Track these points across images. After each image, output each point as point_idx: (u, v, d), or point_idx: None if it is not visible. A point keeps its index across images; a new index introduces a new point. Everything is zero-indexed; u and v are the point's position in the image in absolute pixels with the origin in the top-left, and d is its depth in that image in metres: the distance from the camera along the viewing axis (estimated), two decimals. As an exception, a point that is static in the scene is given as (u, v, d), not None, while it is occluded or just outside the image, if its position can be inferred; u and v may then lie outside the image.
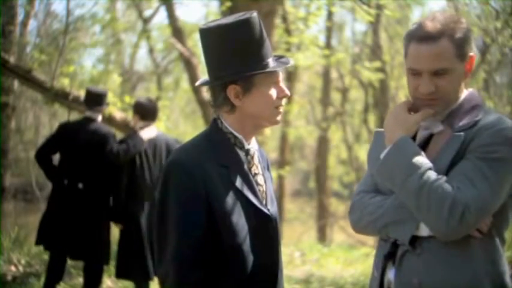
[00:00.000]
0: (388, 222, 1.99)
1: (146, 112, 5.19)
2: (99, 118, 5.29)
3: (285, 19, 10.89)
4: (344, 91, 16.67)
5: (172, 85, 16.58)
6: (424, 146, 1.99)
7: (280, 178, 13.25)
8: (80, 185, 4.98)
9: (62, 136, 5.16)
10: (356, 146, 17.74)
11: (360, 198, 2.12)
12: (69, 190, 5.01)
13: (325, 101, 15.74)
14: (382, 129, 2.13)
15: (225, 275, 1.91)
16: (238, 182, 1.94)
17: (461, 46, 1.91)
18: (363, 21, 10.47)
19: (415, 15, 13.86)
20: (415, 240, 1.92)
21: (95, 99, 5.23)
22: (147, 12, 14.04)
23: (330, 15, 13.29)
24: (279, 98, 1.99)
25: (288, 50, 10.50)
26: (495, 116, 1.93)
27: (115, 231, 5.50)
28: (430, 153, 1.95)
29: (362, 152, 17.64)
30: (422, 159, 1.86)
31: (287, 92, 2.00)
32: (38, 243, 5.14)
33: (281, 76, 2.02)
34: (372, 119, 15.86)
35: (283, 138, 14.32)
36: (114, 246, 5.60)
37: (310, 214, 17.93)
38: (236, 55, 1.91)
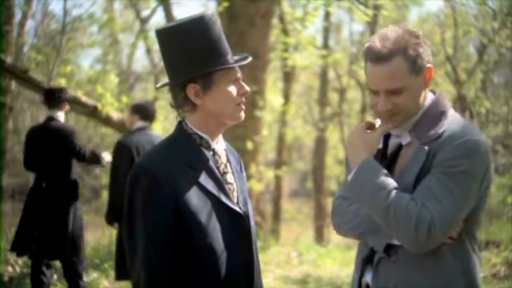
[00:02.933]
0: (365, 231, 2.06)
1: (147, 113, 5.23)
2: (61, 116, 5.22)
3: (282, 19, 10.90)
4: (341, 91, 16.69)
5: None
6: (395, 155, 2.04)
7: (278, 178, 13.24)
8: (43, 184, 4.98)
9: (30, 140, 5.17)
10: (353, 146, 17.73)
11: (339, 204, 2.18)
12: (34, 190, 5.03)
13: (322, 101, 15.74)
14: None
15: (199, 276, 1.91)
16: (207, 182, 1.94)
17: (415, 62, 1.92)
18: (360, 21, 10.49)
19: (413, 15, 13.89)
20: (390, 247, 1.98)
21: (51, 97, 5.18)
22: (144, 13, 14.04)
23: (327, 15, 13.30)
24: (239, 95, 1.99)
25: (285, 50, 10.51)
26: (459, 125, 1.96)
27: (112, 234, 5.50)
28: (399, 166, 2.01)
29: (359, 152, 17.62)
30: (386, 180, 1.91)
31: (247, 88, 2.01)
32: (11, 249, 5.14)
33: (240, 74, 2.01)
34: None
35: (281, 138, 14.31)
36: (111, 248, 5.61)
37: (307, 214, 17.92)
38: (193, 54, 1.92)
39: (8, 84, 8.23)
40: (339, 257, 7.93)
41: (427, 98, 2.03)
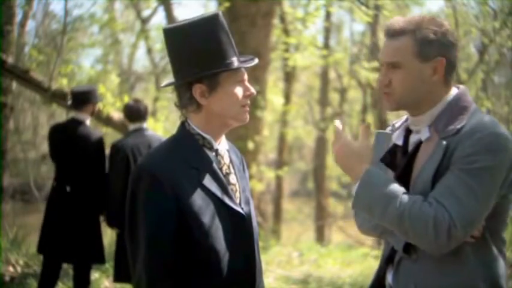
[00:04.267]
0: (384, 231, 2.05)
1: (131, 114, 5.18)
2: (87, 119, 5.18)
3: (283, 19, 10.89)
4: (342, 91, 16.68)
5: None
6: (416, 151, 1.99)
7: (279, 178, 13.23)
8: (68, 188, 4.98)
9: (54, 138, 5.16)
10: (354, 146, 17.71)
11: None
12: (57, 193, 5.02)
13: (323, 101, 15.73)
14: (383, 131, 2.17)
15: (201, 276, 1.91)
16: (209, 183, 1.94)
17: (423, 46, 1.92)
18: (361, 21, 10.47)
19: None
20: (410, 246, 1.94)
21: (80, 99, 5.12)
22: (145, 13, 14.04)
23: (328, 15, 13.29)
24: (245, 96, 2.00)
25: (286, 50, 10.51)
26: (480, 120, 1.90)
27: (113, 234, 5.50)
28: (419, 162, 1.95)
29: (360, 152, 17.62)
30: (394, 187, 1.85)
31: (252, 90, 2.01)
32: (38, 251, 5.16)
33: (246, 75, 2.02)
34: (370, 119, 15.86)
35: (282, 138, 14.30)
36: (112, 248, 5.59)
37: (308, 214, 17.91)
38: (200, 54, 1.91)
39: (9, 84, 8.23)
40: (340, 257, 7.93)
41: (449, 92, 1.99)
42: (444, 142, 1.87)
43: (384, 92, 1.98)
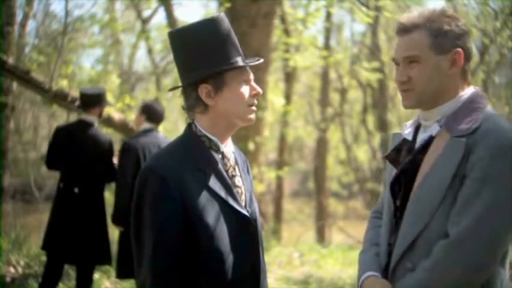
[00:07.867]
0: None
1: (154, 115, 5.17)
2: (96, 121, 5.20)
3: (283, 20, 10.90)
4: (343, 91, 16.67)
5: (171, 86, 16.44)
6: (424, 148, 1.94)
7: (279, 179, 13.23)
8: (76, 190, 4.98)
9: (60, 140, 5.14)
10: (355, 146, 17.74)
11: (370, 219, 2.25)
12: (65, 194, 5.02)
13: (323, 102, 15.72)
14: (398, 132, 2.14)
15: (206, 278, 1.91)
16: (215, 185, 1.94)
17: (438, 37, 1.89)
18: (362, 22, 10.48)
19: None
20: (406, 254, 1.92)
21: (89, 100, 5.14)
22: (146, 13, 14.03)
23: (328, 16, 13.29)
24: (251, 96, 2.01)
25: (287, 50, 10.51)
26: (497, 122, 1.84)
27: (115, 232, 5.50)
28: (429, 157, 1.89)
29: (361, 153, 17.65)
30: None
31: (259, 90, 2.03)
32: (42, 248, 5.16)
33: (252, 75, 2.02)
34: (370, 119, 15.86)
35: (282, 138, 14.30)
36: (114, 247, 5.59)
37: (309, 214, 17.91)
38: (204, 55, 1.92)
39: (10, 84, 8.23)
40: (341, 258, 7.94)
41: (465, 90, 1.95)
42: (463, 139, 1.81)
43: (403, 89, 1.94)
